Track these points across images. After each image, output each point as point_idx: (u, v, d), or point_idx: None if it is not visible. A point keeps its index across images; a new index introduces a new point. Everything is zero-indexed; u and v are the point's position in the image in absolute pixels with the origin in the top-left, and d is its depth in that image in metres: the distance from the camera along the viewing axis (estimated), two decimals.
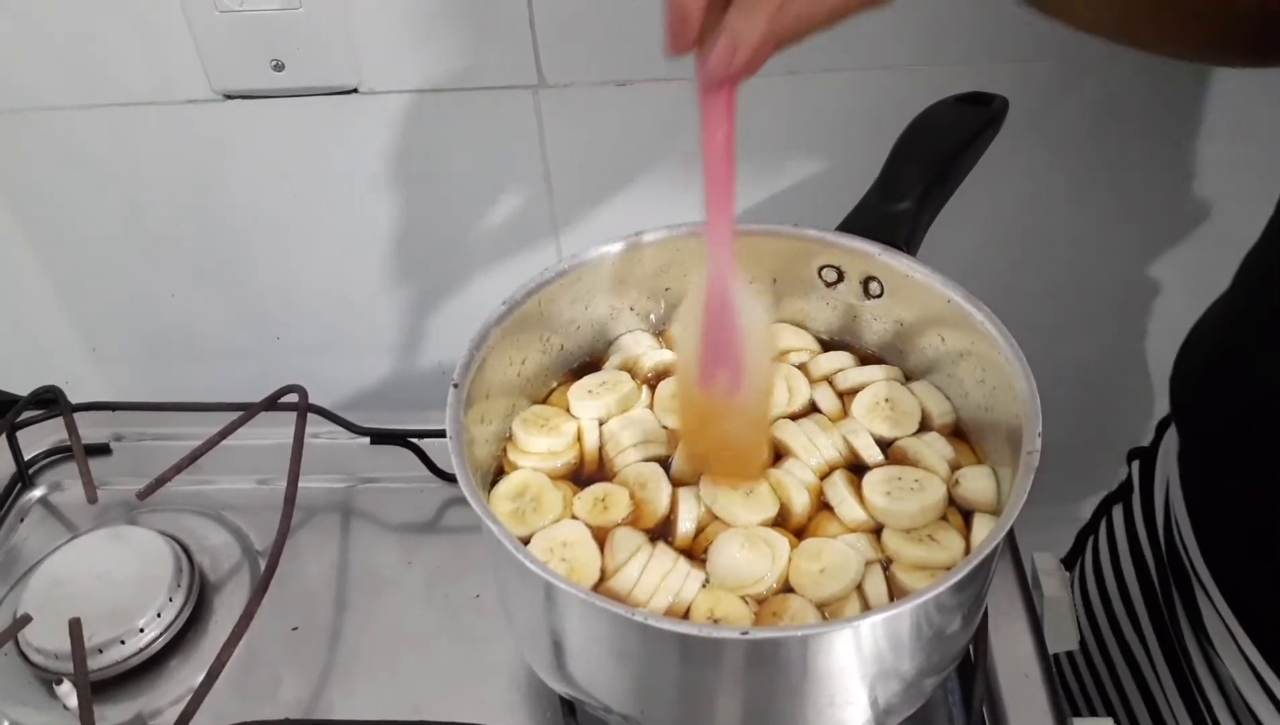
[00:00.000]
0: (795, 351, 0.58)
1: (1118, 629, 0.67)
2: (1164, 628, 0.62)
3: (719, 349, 0.47)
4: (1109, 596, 0.68)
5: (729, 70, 0.38)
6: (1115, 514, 0.70)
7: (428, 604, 0.63)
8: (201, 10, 0.71)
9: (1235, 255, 0.57)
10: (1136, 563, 0.65)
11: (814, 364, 0.57)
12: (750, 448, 0.51)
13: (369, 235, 0.85)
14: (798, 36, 0.39)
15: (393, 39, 0.73)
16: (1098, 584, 0.70)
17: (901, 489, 0.50)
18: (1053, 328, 0.90)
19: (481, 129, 0.78)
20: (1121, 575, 0.67)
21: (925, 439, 0.53)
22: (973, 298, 0.50)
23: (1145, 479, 0.66)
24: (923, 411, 0.54)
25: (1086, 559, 0.73)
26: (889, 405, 0.54)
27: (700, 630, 0.40)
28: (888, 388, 0.55)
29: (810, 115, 0.76)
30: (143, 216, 0.84)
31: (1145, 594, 0.64)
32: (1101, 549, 0.70)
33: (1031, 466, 0.42)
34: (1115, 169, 0.80)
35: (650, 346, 0.59)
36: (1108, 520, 0.71)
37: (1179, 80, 0.75)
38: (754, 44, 0.38)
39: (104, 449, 0.73)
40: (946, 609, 0.43)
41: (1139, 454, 0.68)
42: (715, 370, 0.48)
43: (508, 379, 0.54)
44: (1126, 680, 0.67)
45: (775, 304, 0.59)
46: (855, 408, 0.55)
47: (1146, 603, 0.64)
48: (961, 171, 0.61)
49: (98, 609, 0.59)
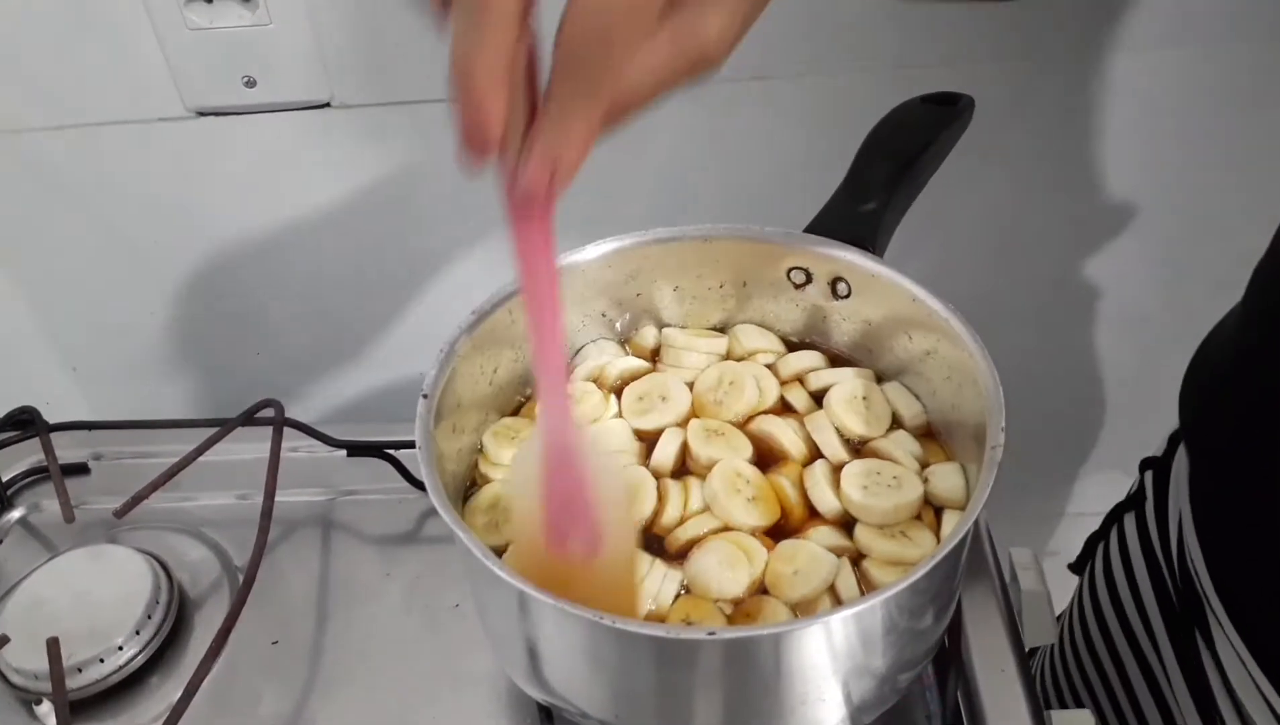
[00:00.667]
0: (762, 352, 0.58)
1: (1132, 637, 0.67)
2: (1180, 640, 0.61)
3: (566, 506, 0.42)
4: (1121, 604, 0.68)
5: (547, 193, 0.33)
6: (1127, 523, 0.69)
7: (407, 615, 0.63)
8: (172, 29, 0.72)
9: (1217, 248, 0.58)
10: (1152, 573, 0.64)
11: (783, 363, 0.57)
12: (621, 601, 0.45)
13: (345, 249, 0.85)
14: (615, 130, 0.33)
15: (364, 52, 0.74)
16: (1109, 590, 0.69)
17: (879, 485, 0.50)
18: (1033, 322, 0.91)
19: (455, 140, 0.78)
20: (1136, 586, 0.66)
21: (894, 438, 0.53)
22: (936, 295, 0.51)
23: (1159, 492, 0.65)
24: (893, 413, 0.55)
25: (1096, 565, 0.72)
26: (864, 403, 0.55)
27: (670, 632, 0.40)
28: (864, 387, 0.55)
29: (778, 117, 0.77)
30: (118, 235, 0.84)
31: (1161, 605, 0.63)
32: (1113, 557, 0.69)
33: (995, 461, 0.43)
34: (1085, 166, 0.81)
35: (615, 354, 0.59)
36: (1119, 528, 0.70)
37: (1150, 77, 0.76)
38: (574, 161, 0.32)
39: (82, 468, 0.72)
40: (916, 603, 0.43)
41: (1152, 464, 0.67)
42: (565, 531, 0.42)
43: (480, 390, 0.54)
44: (1139, 686, 0.66)
45: (744, 307, 0.59)
46: (831, 401, 0.55)
47: (1163, 614, 0.63)
48: (928, 171, 0.62)
49: (76, 628, 0.59)
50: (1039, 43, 0.74)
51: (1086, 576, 0.74)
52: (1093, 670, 0.72)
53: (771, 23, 0.41)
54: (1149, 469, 0.67)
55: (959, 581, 0.49)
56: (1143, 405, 0.95)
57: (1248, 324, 0.55)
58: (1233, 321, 0.57)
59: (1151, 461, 0.67)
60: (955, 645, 0.56)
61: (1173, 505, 0.62)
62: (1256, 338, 0.53)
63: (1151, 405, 0.94)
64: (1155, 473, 0.66)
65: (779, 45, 0.73)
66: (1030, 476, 0.97)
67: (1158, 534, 0.64)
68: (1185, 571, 0.60)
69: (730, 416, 0.55)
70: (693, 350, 0.57)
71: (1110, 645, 0.69)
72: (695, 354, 0.57)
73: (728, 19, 0.33)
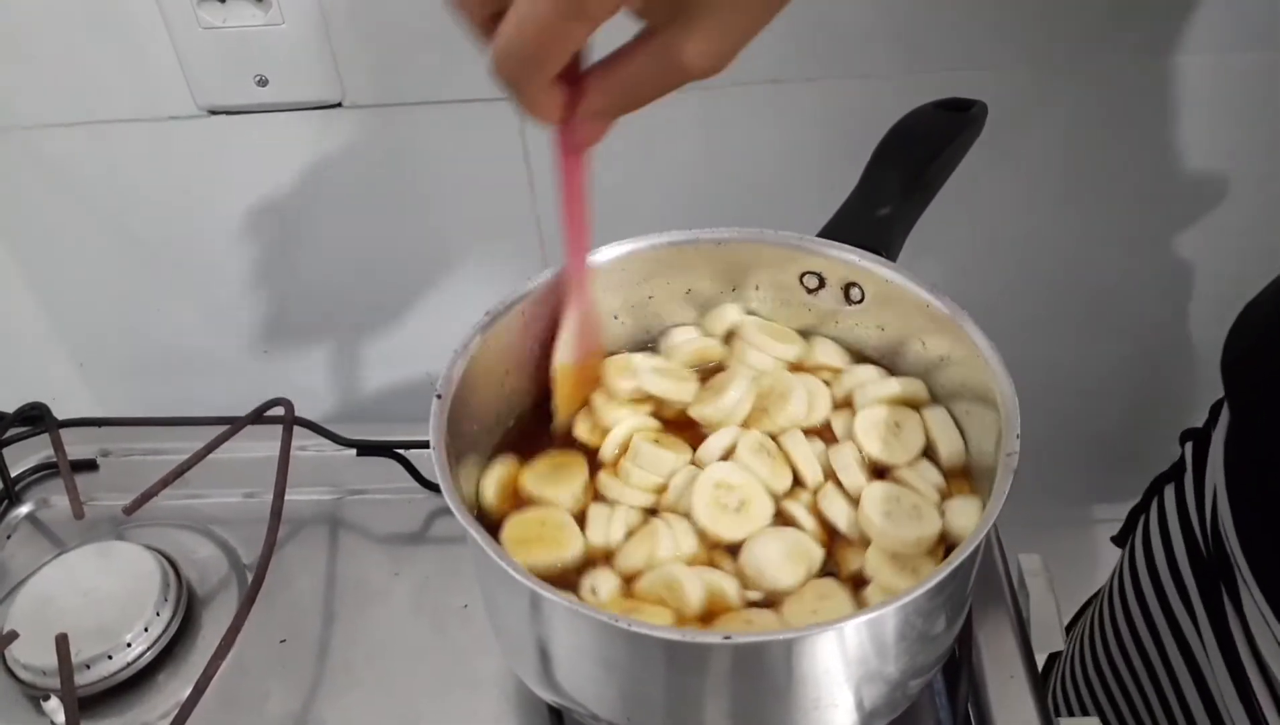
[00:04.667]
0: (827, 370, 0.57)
1: (1168, 607, 0.67)
2: (1214, 608, 0.61)
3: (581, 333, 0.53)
4: (1158, 574, 0.68)
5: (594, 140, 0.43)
6: (1167, 494, 0.69)
7: (416, 615, 0.63)
8: (185, 27, 0.72)
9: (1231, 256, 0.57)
10: (1188, 543, 0.65)
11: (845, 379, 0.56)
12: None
13: (355, 248, 0.85)
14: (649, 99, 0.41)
15: (376, 52, 0.74)
16: (1147, 561, 0.70)
17: (900, 512, 0.48)
18: (1048, 329, 0.91)
19: (465, 140, 0.79)
20: (1173, 555, 0.66)
21: (918, 470, 0.52)
22: (950, 301, 0.51)
23: (1198, 462, 0.65)
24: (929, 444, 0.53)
25: (1137, 538, 0.73)
26: (895, 428, 0.53)
27: (683, 635, 0.40)
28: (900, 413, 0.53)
29: (792, 122, 0.77)
30: (129, 233, 0.84)
31: (1197, 576, 0.63)
32: (1152, 528, 0.70)
33: (1010, 467, 0.43)
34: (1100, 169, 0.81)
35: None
36: (1159, 500, 0.70)
37: (1159, 79, 0.76)
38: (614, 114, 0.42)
39: (91, 464, 0.73)
40: (929, 610, 0.43)
41: (1192, 435, 0.67)
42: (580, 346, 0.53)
43: (491, 391, 0.54)
44: (1177, 662, 0.66)
45: (758, 310, 0.59)
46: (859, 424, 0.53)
47: (1198, 584, 0.63)
48: (941, 177, 0.62)
49: (85, 624, 0.59)
50: (1052, 49, 0.74)
51: (1127, 550, 0.74)
52: (1131, 645, 0.72)
53: (785, 27, 0.41)
54: (1189, 440, 0.67)
55: (971, 588, 0.49)
56: (1156, 412, 0.95)
57: None
58: (1274, 288, 0.57)
59: (1192, 432, 0.67)
60: (965, 652, 0.56)
61: (1209, 475, 0.63)
62: None
63: (1164, 411, 0.95)
64: (1195, 443, 0.66)
65: (793, 49, 0.73)
66: (1041, 482, 0.97)
67: (1195, 503, 0.64)
68: (1218, 536, 0.60)
69: (773, 427, 0.53)
70: (763, 350, 0.56)
71: (1147, 617, 0.69)
72: (763, 355, 0.56)
73: (707, 43, 0.38)
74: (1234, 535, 0.57)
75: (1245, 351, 0.58)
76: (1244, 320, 0.59)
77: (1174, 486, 0.68)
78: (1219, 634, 0.60)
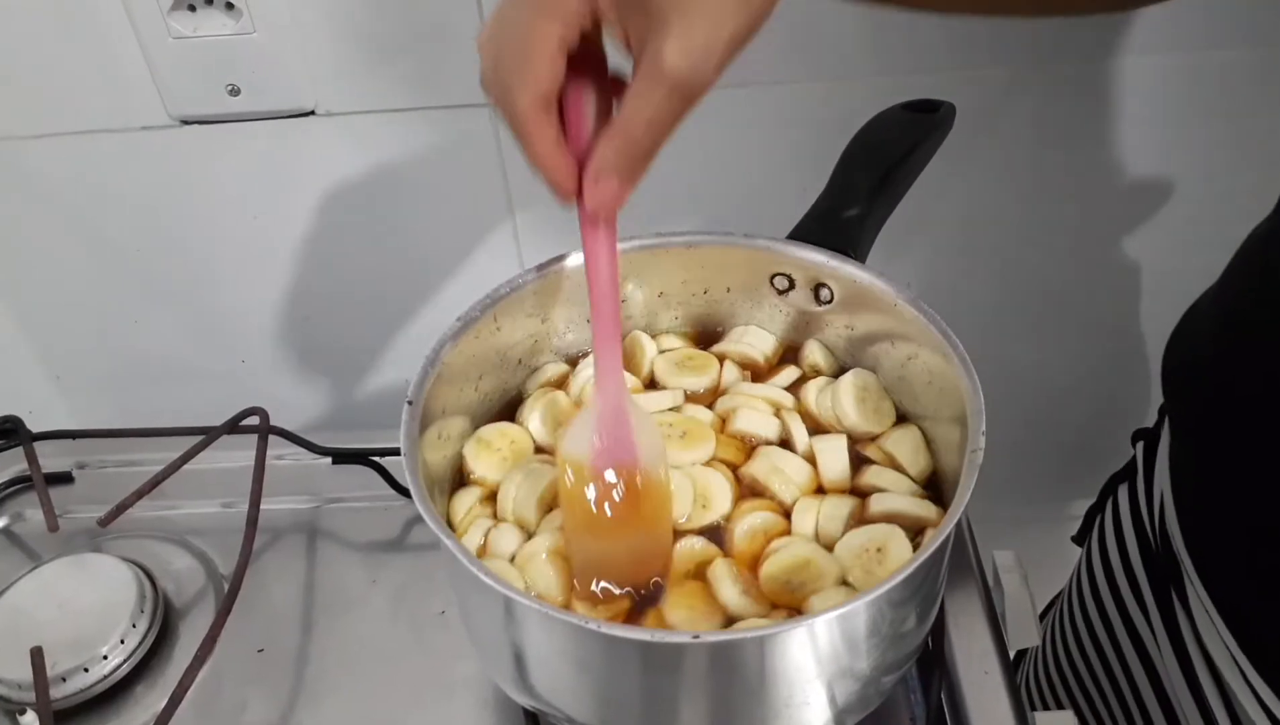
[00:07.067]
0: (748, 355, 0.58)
1: (1122, 606, 0.68)
2: (1166, 606, 0.62)
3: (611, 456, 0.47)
4: (1113, 573, 0.69)
5: (615, 206, 0.43)
6: (1121, 493, 0.70)
7: (393, 622, 0.63)
8: (156, 37, 0.72)
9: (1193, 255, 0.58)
10: (1140, 541, 0.66)
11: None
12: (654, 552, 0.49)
13: (330, 256, 0.85)
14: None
15: (348, 60, 0.74)
16: (1103, 560, 0.70)
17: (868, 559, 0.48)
18: (1015, 329, 0.91)
19: (440, 147, 0.79)
20: (1127, 554, 0.67)
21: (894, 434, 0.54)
22: (917, 300, 0.51)
23: (1148, 460, 0.66)
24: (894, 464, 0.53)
25: (1094, 537, 0.73)
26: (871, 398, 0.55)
27: (654, 636, 0.40)
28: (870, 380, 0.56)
29: (760, 125, 0.77)
30: (103, 243, 0.84)
31: (1149, 574, 0.64)
32: (1107, 527, 0.71)
33: (975, 464, 0.43)
34: (1064, 173, 0.81)
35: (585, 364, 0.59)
36: (1113, 500, 0.71)
37: (1124, 80, 0.77)
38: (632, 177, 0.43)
39: (66, 477, 0.72)
40: (899, 605, 0.44)
41: (1143, 435, 0.68)
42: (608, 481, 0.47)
43: (465, 397, 0.54)
44: (1133, 660, 0.67)
45: (728, 313, 0.59)
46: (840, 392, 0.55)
47: (1150, 581, 0.64)
48: (909, 177, 0.62)
49: (60, 637, 0.59)
50: (1018, 51, 0.75)
51: (1085, 549, 0.75)
52: (1089, 643, 0.73)
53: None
54: (1140, 440, 0.68)
55: (941, 584, 0.49)
56: (1124, 408, 0.96)
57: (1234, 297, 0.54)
58: (1214, 296, 0.58)
59: (1143, 432, 0.68)
60: (939, 647, 0.56)
61: (1158, 476, 0.63)
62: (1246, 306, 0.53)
63: (1132, 407, 0.95)
64: (1145, 443, 0.67)
65: (760, 52, 0.73)
66: (1013, 479, 0.97)
67: (1145, 502, 0.65)
68: (1165, 536, 0.61)
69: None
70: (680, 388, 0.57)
71: (1103, 614, 0.70)
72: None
73: (683, 40, 0.38)
74: (1179, 535, 0.58)
75: (1182, 365, 0.59)
76: (1184, 326, 0.60)
77: (1127, 486, 0.69)
78: (1170, 631, 0.61)
